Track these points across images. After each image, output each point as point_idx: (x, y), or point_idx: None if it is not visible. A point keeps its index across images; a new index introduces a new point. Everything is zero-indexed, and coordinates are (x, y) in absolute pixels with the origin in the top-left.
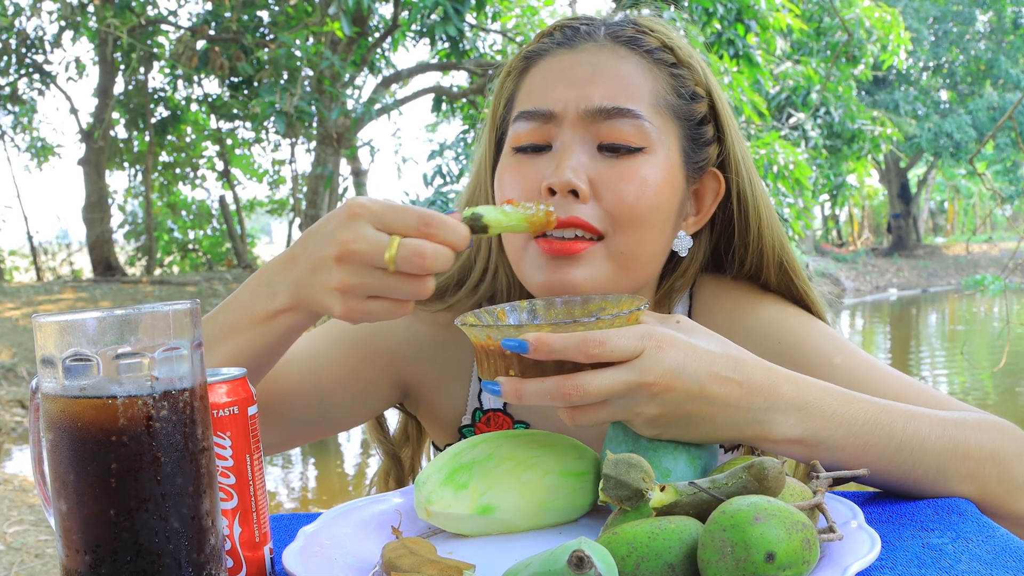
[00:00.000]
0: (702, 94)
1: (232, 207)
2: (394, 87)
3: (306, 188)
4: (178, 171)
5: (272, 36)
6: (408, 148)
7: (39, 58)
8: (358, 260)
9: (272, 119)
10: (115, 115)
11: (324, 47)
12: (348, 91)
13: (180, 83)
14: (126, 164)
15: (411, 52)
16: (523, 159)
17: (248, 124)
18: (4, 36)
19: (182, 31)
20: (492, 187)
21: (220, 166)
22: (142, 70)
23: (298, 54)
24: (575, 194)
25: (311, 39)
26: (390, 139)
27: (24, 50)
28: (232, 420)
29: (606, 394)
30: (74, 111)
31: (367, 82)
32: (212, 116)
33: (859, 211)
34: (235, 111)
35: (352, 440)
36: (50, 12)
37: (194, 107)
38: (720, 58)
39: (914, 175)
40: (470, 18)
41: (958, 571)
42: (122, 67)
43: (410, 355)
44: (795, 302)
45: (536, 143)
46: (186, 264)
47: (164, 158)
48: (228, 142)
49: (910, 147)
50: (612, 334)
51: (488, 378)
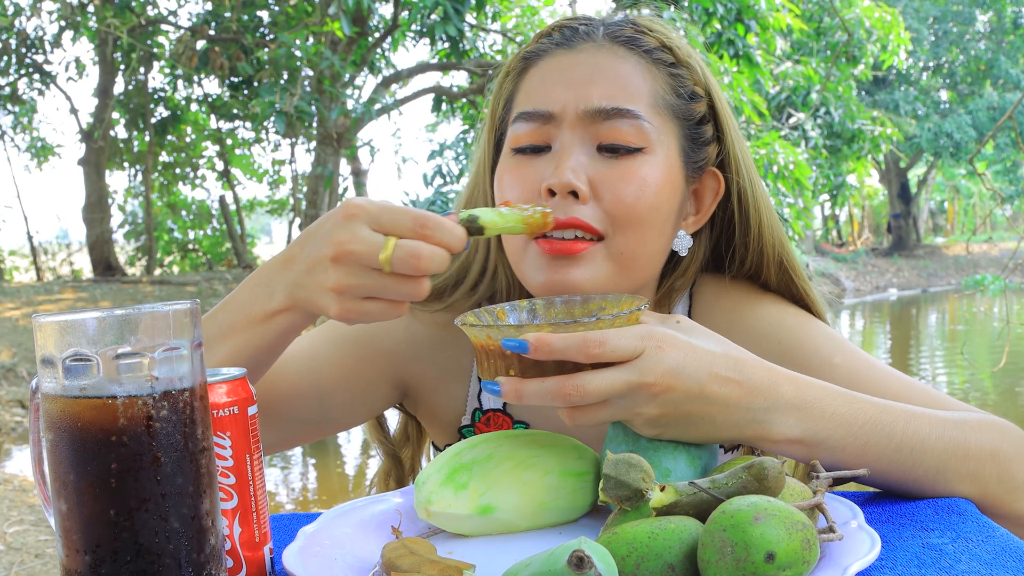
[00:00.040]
0: (701, 93)
1: (232, 207)
2: (394, 87)
3: (306, 188)
4: (178, 171)
5: (272, 36)
6: (408, 148)
7: (39, 58)
8: (354, 261)
9: (272, 119)
10: (115, 115)
11: (324, 47)
12: (348, 91)
13: (180, 83)
14: (126, 164)
15: (411, 52)
16: (522, 160)
17: (248, 124)
18: (4, 36)
19: (182, 31)
20: (491, 188)
21: (220, 166)
22: (142, 70)
23: (298, 54)
24: (575, 195)
25: (311, 39)
26: (390, 139)
27: (24, 50)
28: (232, 420)
29: (606, 394)
30: (74, 111)
31: (367, 82)
32: (212, 116)
33: (859, 211)
34: (235, 111)
35: (352, 440)
36: (50, 12)
37: (194, 107)
38: (720, 58)
39: (914, 175)
40: (470, 18)
41: (958, 571)
42: (122, 67)
43: (409, 355)
44: (795, 302)
45: (535, 144)
46: (186, 264)
47: (164, 158)
48: (228, 142)
49: (910, 147)
50: (612, 334)
51: (488, 378)
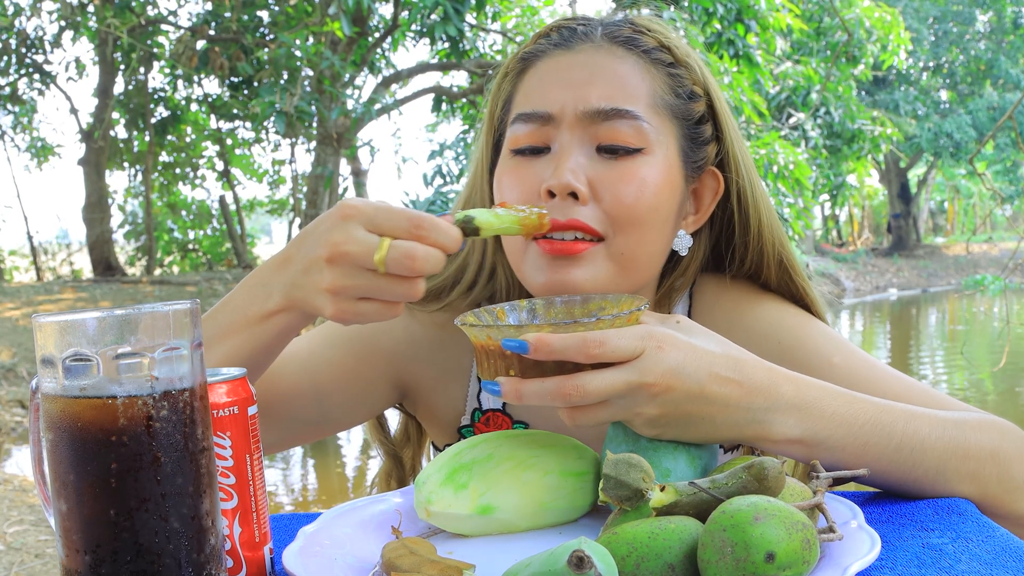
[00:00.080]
0: (700, 93)
1: (232, 207)
2: (394, 87)
3: (306, 188)
4: (178, 171)
5: (272, 36)
6: (408, 148)
7: (39, 58)
8: (349, 261)
9: (272, 119)
10: (115, 115)
11: (324, 47)
12: (348, 91)
13: (180, 83)
14: (126, 164)
15: (411, 52)
16: (521, 161)
17: (248, 124)
18: (4, 36)
19: (182, 31)
20: (490, 189)
21: (220, 166)
22: (142, 70)
23: (298, 54)
24: (574, 196)
25: (311, 39)
26: (390, 139)
27: (24, 50)
28: (232, 420)
29: (606, 394)
30: (74, 111)
31: (367, 82)
32: (212, 116)
33: (859, 211)
34: (235, 111)
35: (352, 440)
36: (50, 12)
37: (194, 107)
38: (720, 58)
39: (914, 175)
40: (470, 18)
41: (958, 571)
42: (122, 67)
43: (408, 355)
44: (795, 302)
45: (534, 145)
46: (186, 264)
47: (164, 158)
48: (228, 142)
49: (910, 147)
50: (612, 334)
51: (488, 378)
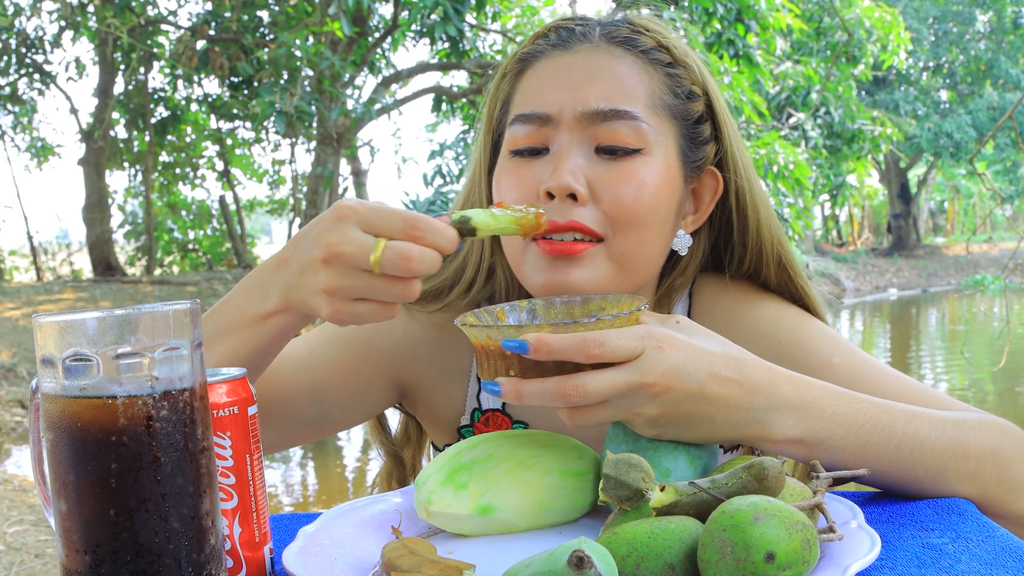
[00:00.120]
0: (699, 93)
1: (232, 207)
2: (394, 87)
3: (306, 188)
4: (178, 171)
5: (272, 36)
6: (408, 148)
7: (39, 58)
8: (344, 262)
9: (272, 119)
10: (115, 115)
11: (324, 47)
12: (348, 91)
13: (180, 83)
14: (126, 164)
15: (411, 52)
16: (520, 162)
17: (248, 124)
18: (4, 36)
19: (182, 31)
20: (488, 189)
21: (220, 166)
22: (142, 70)
23: (298, 54)
24: (573, 197)
25: (311, 39)
26: (390, 139)
27: (24, 50)
28: (232, 420)
29: (606, 394)
30: (74, 111)
31: (367, 82)
32: (212, 116)
33: (859, 211)
34: (235, 111)
35: (352, 440)
36: (50, 12)
37: (194, 107)
38: (720, 58)
39: (914, 175)
40: (470, 18)
41: (958, 571)
42: (122, 67)
43: (408, 355)
44: (794, 301)
45: (533, 146)
46: (186, 264)
47: (164, 158)
48: (228, 142)
49: (910, 147)
50: (612, 334)
51: (488, 378)
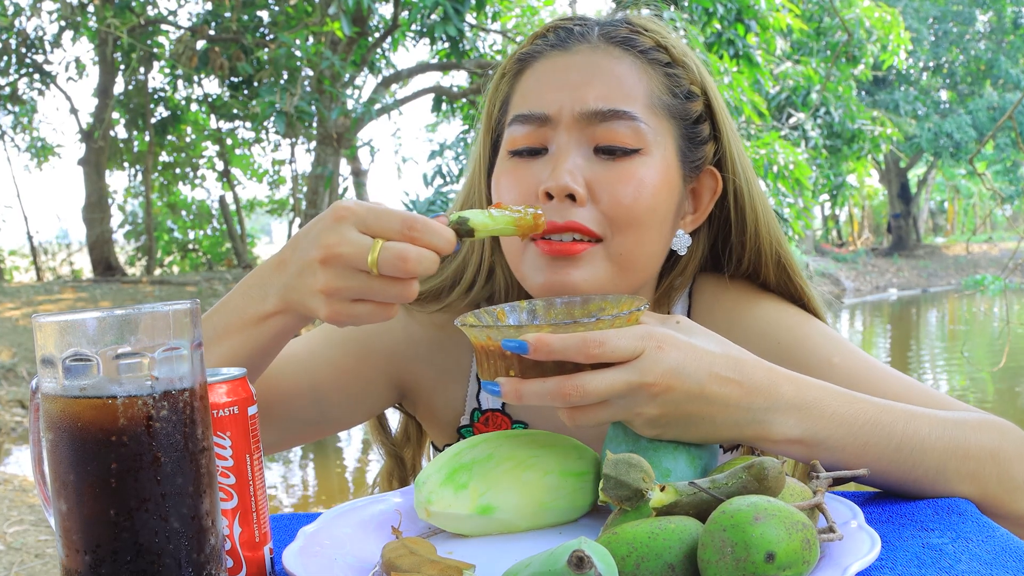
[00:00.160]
0: (697, 93)
1: (232, 207)
2: (394, 87)
3: (306, 188)
4: (178, 171)
5: (272, 36)
6: (408, 148)
7: (39, 58)
8: (342, 263)
9: (272, 119)
10: (115, 115)
11: (324, 47)
12: (348, 91)
13: (180, 83)
14: (126, 164)
15: (411, 52)
16: (519, 163)
17: (248, 124)
18: (4, 36)
19: (182, 31)
20: (487, 190)
21: (220, 166)
22: (142, 70)
23: (298, 54)
24: (572, 198)
25: (311, 39)
26: (390, 139)
27: (24, 50)
28: (232, 420)
29: (606, 394)
30: (74, 111)
31: (367, 82)
32: (212, 116)
33: (859, 211)
34: (235, 111)
35: (352, 440)
36: (50, 12)
37: (194, 107)
38: (720, 58)
39: (914, 175)
40: (470, 18)
41: (958, 571)
42: (122, 67)
43: (408, 356)
44: (793, 301)
45: (532, 146)
46: (186, 264)
47: (164, 158)
48: (228, 142)
49: (910, 147)
50: (612, 334)
51: (488, 379)
